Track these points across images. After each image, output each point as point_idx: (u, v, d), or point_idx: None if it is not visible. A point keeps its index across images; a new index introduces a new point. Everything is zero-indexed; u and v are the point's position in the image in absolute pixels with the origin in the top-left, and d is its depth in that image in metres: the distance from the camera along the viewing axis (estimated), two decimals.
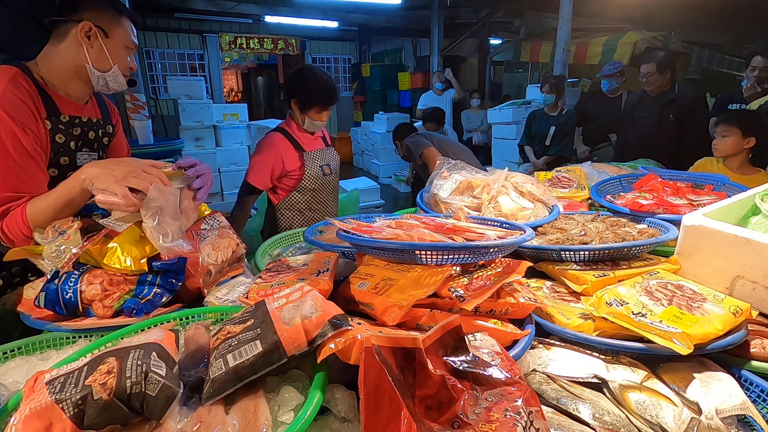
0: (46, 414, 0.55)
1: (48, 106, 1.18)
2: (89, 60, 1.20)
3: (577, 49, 6.22)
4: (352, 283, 0.90)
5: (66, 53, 1.20)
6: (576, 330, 0.88)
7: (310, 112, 2.00)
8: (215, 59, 9.36)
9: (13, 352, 0.89)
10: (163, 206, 0.97)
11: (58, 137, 1.21)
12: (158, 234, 0.96)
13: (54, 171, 1.22)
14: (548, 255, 1.13)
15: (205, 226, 1.19)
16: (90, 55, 1.20)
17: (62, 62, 1.20)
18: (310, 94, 1.96)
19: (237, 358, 0.64)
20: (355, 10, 7.54)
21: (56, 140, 1.21)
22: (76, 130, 1.27)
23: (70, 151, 1.25)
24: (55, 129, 1.20)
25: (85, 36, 1.17)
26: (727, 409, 0.71)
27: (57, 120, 1.20)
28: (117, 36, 1.22)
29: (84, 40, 1.18)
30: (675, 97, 3.06)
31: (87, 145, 1.31)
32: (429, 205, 1.53)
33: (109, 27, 1.20)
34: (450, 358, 0.65)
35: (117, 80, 1.26)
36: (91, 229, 1.01)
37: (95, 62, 1.21)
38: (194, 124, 5.53)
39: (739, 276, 0.95)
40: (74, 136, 1.26)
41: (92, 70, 1.21)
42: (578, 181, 1.78)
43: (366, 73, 9.52)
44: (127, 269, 0.99)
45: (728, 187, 1.52)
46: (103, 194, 0.96)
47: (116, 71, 1.24)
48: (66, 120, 1.23)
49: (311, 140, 2.12)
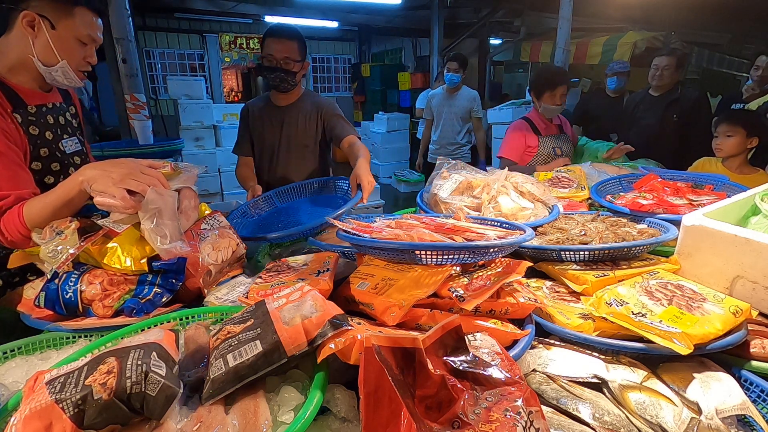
0: (46, 414, 0.55)
1: (12, 100, 1.14)
2: (34, 52, 1.12)
3: (577, 49, 6.21)
4: (352, 283, 0.90)
5: (15, 44, 1.13)
6: (576, 330, 0.88)
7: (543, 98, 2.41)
8: (215, 59, 9.35)
9: (13, 352, 0.89)
10: (161, 208, 0.97)
11: (31, 129, 1.17)
12: (156, 236, 0.96)
13: (37, 164, 1.19)
14: (548, 255, 1.13)
15: (206, 226, 1.19)
16: (35, 47, 1.12)
17: (12, 54, 1.14)
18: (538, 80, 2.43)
19: (237, 358, 0.64)
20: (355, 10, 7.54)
21: (30, 132, 1.16)
22: (49, 119, 1.22)
23: (48, 141, 1.21)
24: (26, 121, 1.16)
25: (28, 26, 1.10)
26: (727, 409, 0.71)
27: (25, 112, 1.16)
28: (66, 28, 1.12)
29: (28, 30, 1.10)
30: (678, 97, 3.05)
31: (64, 131, 1.28)
32: (429, 205, 1.54)
33: (56, 17, 1.10)
34: (450, 358, 0.65)
35: (67, 76, 1.17)
36: (89, 230, 1.01)
37: (40, 55, 1.13)
38: (194, 124, 5.53)
39: (739, 276, 0.95)
40: (49, 125, 1.22)
41: (38, 64, 1.14)
42: (578, 181, 1.78)
43: (366, 73, 9.52)
44: (127, 269, 0.99)
45: (728, 187, 1.52)
46: (102, 196, 0.95)
47: (64, 66, 1.15)
48: (33, 111, 1.18)
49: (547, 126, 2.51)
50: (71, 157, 1.29)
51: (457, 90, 4.04)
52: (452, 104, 4.05)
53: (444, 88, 4.14)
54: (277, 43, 1.85)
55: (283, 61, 1.86)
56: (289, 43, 1.86)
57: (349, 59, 10.98)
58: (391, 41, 10.18)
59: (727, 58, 6.78)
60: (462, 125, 4.08)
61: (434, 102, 4.17)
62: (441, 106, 4.10)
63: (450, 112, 4.06)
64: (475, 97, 4.06)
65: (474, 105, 4.02)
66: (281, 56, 1.85)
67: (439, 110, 4.10)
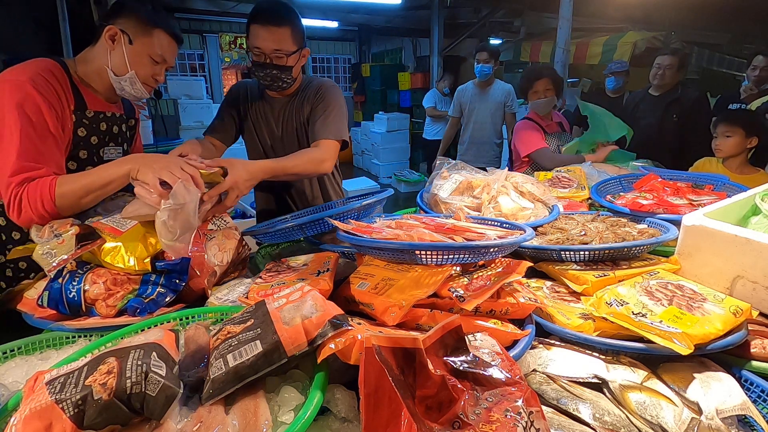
0: (46, 414, 0.55)
1: (77, 100, 1.23)
2: (109, 63, 1.24)
3: (577, 49, 6.21)
4: (352, 283, 0.90)
5: (95, 54, 1.25)
6: (576, 330, 0.88)
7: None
8: (215, 59, 9.35)
9: (12, 351, 0.89)
10: (183, 204, 0.97)
11: (80, 131, 1.25)
12: (166, 230, 0.96)
13: (73, 164, 1.26)
14: (548, 255, 1.13)
15: (212, 227, 1.19)
16: (111, 57, 1.23)
17: (92, 63, 1.26)
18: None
19: (237, 358, 0.64)
20: (355, 10, 7.53)
21: (78, 134, 1.25)
22: (102, 126, 1.31)
23: (90, 145, 1.29)
24: (79, 123, 1.24)
25: (109, 39, 1.21)
26: (727, 410, 0.70)
27: (82, 114, 1.25)
28: (141, 44, 1.23)
29: (108, 43, 1.22)
30: (679, 97, 3.05)
31: (113, 140, 1.36)
32: (429, 205, 1.54)
33: (135, 34, 1.22)
34: (450, 359, 0.65)
35: (135, 86, 1.27)
36: (88, 237, 1.01)
37: (113, 65, 1.24)
38: (194, 124, 5.55)
39: (740, 276, 0.95)
40: (99, 131, 1.30)
41: (110, 73, 1.25)
42: (578, 181, 1.78)
43: (366, 73, 9.51)
44: (130, 269, 0.99)
45: (728, 187, 1.52)
46: (139, 185, 1.03)
47: (132, 77, 1.25)
48: (91, 115, 1.27)
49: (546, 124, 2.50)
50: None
51: (490, 84, 3.66)
52: (485, 99, 3.69)
53: (474, 83, 3.74)
54: (263, 32, 1.45)
55: (273, 55, 1.48)
56: (278, 32, 1.45)
57: (349, 59, 10.98)
58: (391, 41, 10.18)
59: (727, 58, 6.78)
60: (497, 123, 3.74)
61: (464, 98, 3.76)
62: (472, 102, 3.71)
63: (483, 109, 3.70)
64: (510, 90, 3.68)
65: (509, 99, 3.67)
66: (270, 49, 1.47)
67: (471, 107, 3.73)
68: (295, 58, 1.53)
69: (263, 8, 1.48)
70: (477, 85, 3.75)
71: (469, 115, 3.79)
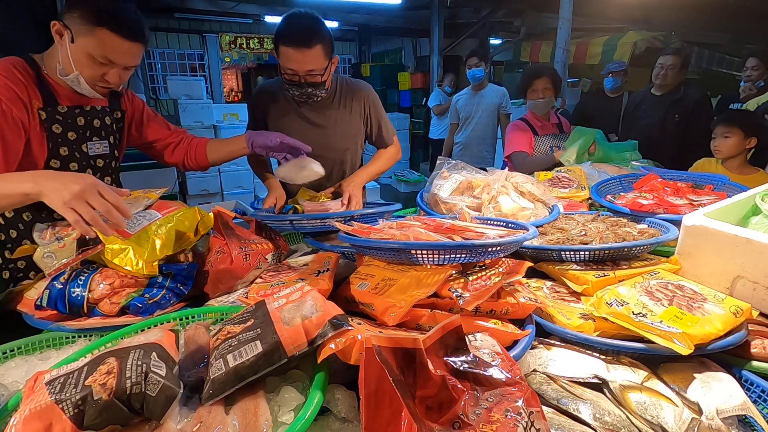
0: (46, 414, 0.55)
1: (45, 97, 1.19)
2: (60, 59, 1.17)
3: (577, 49, 6.21)
4: (353, 283, 0.90)
5: (53, 51, 1.20)
6: (576, 330, 0.88)
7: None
8: (215, 59, 9.34)
9: (12, 352, 0.89)
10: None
11: (54, 128, 1.21)
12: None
13: (56, 162, 1.23)
14: (548, 255, 1.13)
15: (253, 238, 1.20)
16: (60, 55, 1.17)
17: (51, 59, 1.21)
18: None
19: (237, 359, 0.64)
20: (355, 10, 7.52)
21: (53, 130, 1.20)
22: (79, 120, 1.26)
23: (70, 141, 1.25)
24: (52, 119, 1.20)
25: (56, 34, 1.14)
26: (727, 410, 0.70)
27: (53, 110, 1.20)
28: (82, 43, 1.13)
29: (57, 39, 1.15)
30: (681, 97, 3.03)
31: (95, 134, 1.31)
32: (429, 205, 1.53)
33: (77, 32, 1.13)
34: (450, 359, 0.65)
35: (82, 87, 1.19)
36: (88, 242, 1.01)
37: (62, 63, 1.17)
38: (194, 124, 5.52)
39: (740, 276, 0.95)
40: (77, 126, 1.25)
41: (58, 69, 1.18)
42: (578, 181, 1.78)
43: (366, 73, 9.51)
44: (138, 272, 0.98)
45: (728, 187, 1.52)
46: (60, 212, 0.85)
47: (77, 77, 1.17)
48: (64, 110, 1.22)
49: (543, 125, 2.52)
50: (93, 159, 1.31)
51: (483, 87, 3.77)
52: (480, 103, 3.77)
53: (468, 88, 3.86)
54: (296, 54, 1.42)
55: (307, 75, 1.46)
56: (311, 53, 1.42)
57: (349, 59, 10.98)
58: (391, 41, 10.17)
59: (727, 58, 6.77)
60: (491, 125, 3.83)
61: (460, 104, 3.89)
62: (469, 106, 3.83)
63: (478, 111, 3.79)
64: (504, 92, 3.79)
65: (503, 101, 3.76)
66: (305, 71, 1.45)
67: (467, 112, 3.84)
68: (328, 72, 1.52)
69: (293, 29, 1.43)
70: (472, 89, 3.87)
71: (465, 118, 3.90)
